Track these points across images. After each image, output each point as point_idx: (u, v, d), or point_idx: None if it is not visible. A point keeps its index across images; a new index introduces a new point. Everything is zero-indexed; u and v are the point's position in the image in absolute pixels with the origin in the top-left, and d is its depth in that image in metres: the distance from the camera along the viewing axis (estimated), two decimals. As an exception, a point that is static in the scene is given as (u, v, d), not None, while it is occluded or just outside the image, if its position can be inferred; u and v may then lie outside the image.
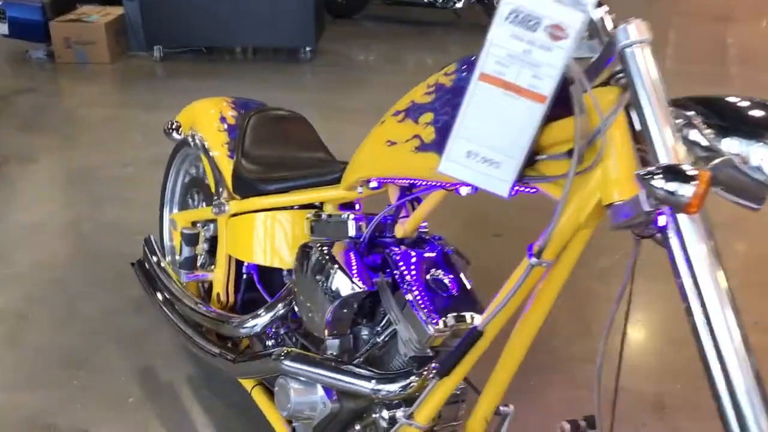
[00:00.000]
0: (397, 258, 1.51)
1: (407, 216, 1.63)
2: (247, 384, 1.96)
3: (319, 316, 1.55)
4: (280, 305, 1.78)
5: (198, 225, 2.35)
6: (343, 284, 1.50)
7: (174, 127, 2.26)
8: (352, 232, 1.65)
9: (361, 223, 1.65)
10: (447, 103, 1.29)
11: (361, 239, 1.63)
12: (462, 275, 1.53)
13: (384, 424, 1.55)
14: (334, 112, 4.99)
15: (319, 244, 1.60)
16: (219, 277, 2.09)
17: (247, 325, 1.82)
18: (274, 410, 1.85)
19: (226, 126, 2.19)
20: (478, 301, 1.50)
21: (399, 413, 1.53)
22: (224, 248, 2.07)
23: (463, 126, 1.13)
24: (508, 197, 1.16)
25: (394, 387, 1.47)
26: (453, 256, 1.59)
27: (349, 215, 1.67)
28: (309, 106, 5.07)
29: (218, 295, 2.10)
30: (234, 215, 2.02)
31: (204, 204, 2.41)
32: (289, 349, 1.65)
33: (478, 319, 1.44)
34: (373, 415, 1.58)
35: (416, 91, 1.40)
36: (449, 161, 1.16)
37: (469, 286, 1.52)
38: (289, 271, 1.94)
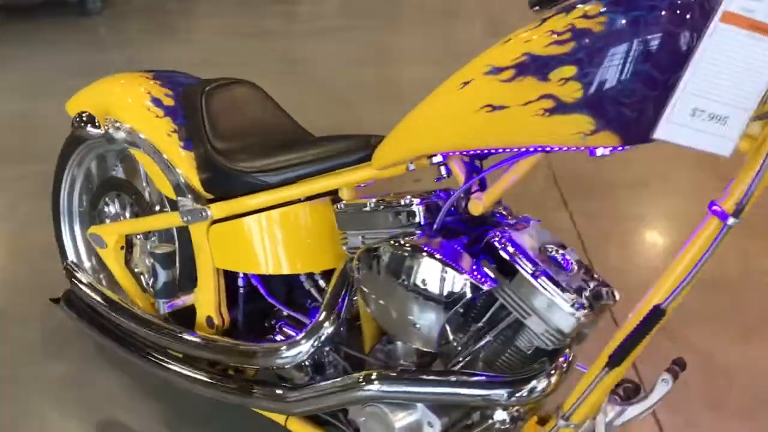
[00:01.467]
0: (506, 240, 1.28)
1: (480, 189, 1.40)
2: (280, 417, 1.63)
3: (427, 327, 1.29)
4: (326, 323, 1.47)
5: (138, 237, 1.89)
6: (462, 284, 1.25)
7: (86, 119, 1.74)
8: (419, 218, 1.38)
9: (420, 207, 1.39)
10: (600, 53, 1.06)
11: (435, 226, 1.37)
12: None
13: (504, 426, 1.36)
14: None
15: (399, 242, 1.32)
16: (206, 297, 1.69)
17: (289, 353, 1.48)
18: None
19: (163, 110, 1.74)
20: (597, 271, 1.33)
21: (519, 412, 1.35)
22: (210, 262, 1.66)
23: (694, 80, 0.93)
24: (730, 155, 0.99)
25: (531, 388, 1.27)
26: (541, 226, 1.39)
27: (411, 200, 1.39)
28: (118, 68, 4.41)
29: (209, 318, 1.70)
30: (218, 221, 1.63)
31: (133, 212, 1.94)
32: (380, 371, 1.37)
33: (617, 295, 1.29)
34: (490, 421, 1.37)
35: (527, 40, 1.14)
36: (671, 123, 0.96)
37: (577, 257, 1.34)
38: (309, 275, 1.61)
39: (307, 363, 1.59)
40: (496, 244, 1.29)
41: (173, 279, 1.66)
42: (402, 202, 1.40)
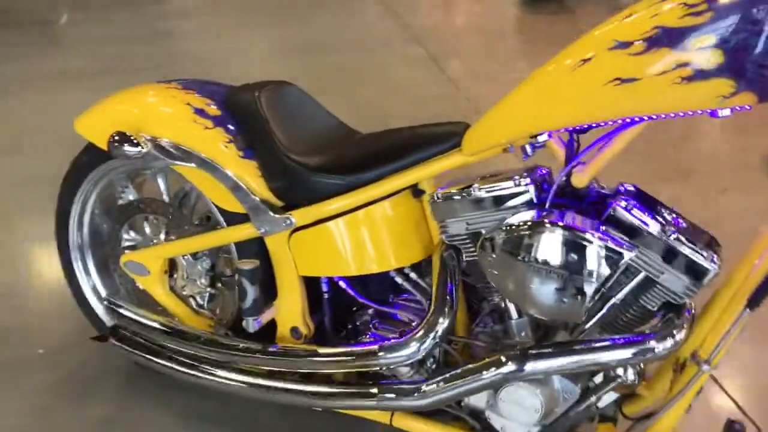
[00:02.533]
0: (633, 206, 1.35)
1: (581, 163, 1.45)
2: (384, 416, 1.61)
3: (575, 300, 1.33)
4: (441, 317, 1.45)
5: (185, 258, 1.78)
6: (608, 254, 1.30)
7: (119, 138, 1.60)
8: (531, 196, 1.42)
9: (532, 186, 1.42)
10: (740, 20, 1.14)
11: (548, 202, 1.41)
12: None
13: (630, 381, 1.44)
14: (39, 87, 4.02)
15: (533, 223, 1.35)
16: (291, 308, 1.62)
17: (407, 350, 1.46)
18: (437, 428, 1.58)
19: (211, 120, 1.63)
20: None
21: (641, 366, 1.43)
22: (293, 271, 1.60)
23: None
24: None
25: (669, 342, 1.34)
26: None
27: (519, 180, 1.42)
28: (11, 82, 4.06)
29: (294, 329, 1.64)
30: (299, 228, 1.57)
31: (167, 232, 1.81)
32: (519, 350, 1.39)
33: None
34: (619, 380, 1.44)
35: (656, 14, 1.20)
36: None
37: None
38: (398, 270, 1.60)
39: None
40: (624, 210, 1.35)
41: (260, 294, 1.58)
42: (513, 183, 1.42)
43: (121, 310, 1.78)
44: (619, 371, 1.43)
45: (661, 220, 1.35)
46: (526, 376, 1.39)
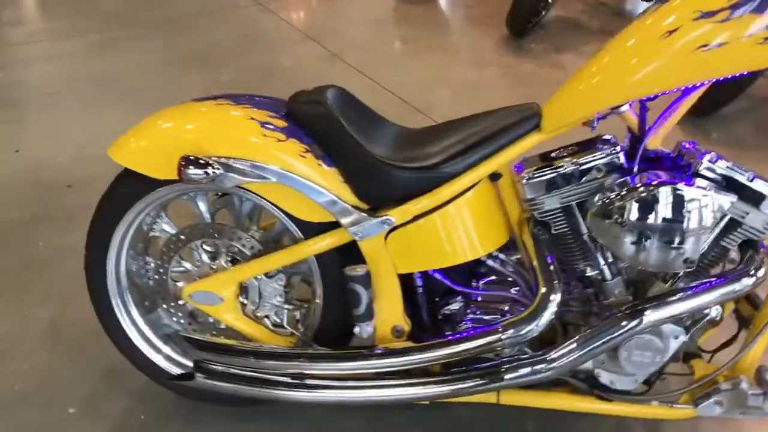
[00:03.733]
0: (718, 159, 1.50)
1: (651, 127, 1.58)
2: (490, 396, 1.66)
3: (691, 249, 1.45)
4: (553, 292, 1.52)
5: (259, 278, 1.71)
6: (715, 203, 1.44)
7: (189, 162, 1.50)
8: (622, 162, 1.53)
9: (622, 153, 1.53)
10: None
11: (636, 166, 1.53)
12: None
13: (715, 317, 1.60)
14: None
15: (643, 187, 1.45)
16: (391, 307, 1.62)
17: (527, 327, 1.51)
18: (546, 397, 1.68)
19: (282, 132, 1.58)
20: None
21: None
22: (391, 270, 1.59)
23: None
24: None
25: (754, 278, 1.50)
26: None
27: (610, 150, 1.53)
28: None
29: (395, 327, 1.63)
30: (397, 227, 1.57)
31: (226, 259, 1.73)
32: (631, 307, 1.52)
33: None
34: (708, 317, 1.59)
35: None
36: None
37: None
38: (490, 255, 1.65)
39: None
40: (713, 163, 1.50)
41: (372, 299, 1.56)
42: (604, 153, 1.53)
43: (205, 343, 1.67)
44: (706, 310, 1.59)
45: (737, 166, 1.52)
46: (647, 328, 1.51)
